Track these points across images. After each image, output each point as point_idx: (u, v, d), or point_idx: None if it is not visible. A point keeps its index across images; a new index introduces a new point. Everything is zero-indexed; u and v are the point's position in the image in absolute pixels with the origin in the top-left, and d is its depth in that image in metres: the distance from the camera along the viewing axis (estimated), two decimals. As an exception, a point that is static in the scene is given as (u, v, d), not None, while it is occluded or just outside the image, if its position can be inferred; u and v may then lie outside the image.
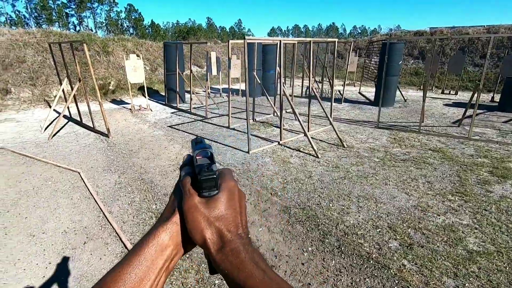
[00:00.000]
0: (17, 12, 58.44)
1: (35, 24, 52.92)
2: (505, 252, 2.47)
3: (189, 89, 11.15)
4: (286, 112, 7.97)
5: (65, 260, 2.48)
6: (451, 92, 10.52)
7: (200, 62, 14.06)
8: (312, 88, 5.73)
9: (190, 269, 2.36)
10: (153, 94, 10.93)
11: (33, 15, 56.72)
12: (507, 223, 2.88)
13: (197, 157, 0.41)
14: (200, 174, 0.39)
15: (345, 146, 5.18)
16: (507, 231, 2.77)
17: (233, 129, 6.43)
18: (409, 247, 2.56)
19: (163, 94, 10.77)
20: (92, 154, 4.95)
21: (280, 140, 5.45)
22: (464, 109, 6.71)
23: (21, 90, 8.64)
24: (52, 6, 56.89)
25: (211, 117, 7.51)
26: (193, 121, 7.14)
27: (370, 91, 11.60)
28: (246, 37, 4.32)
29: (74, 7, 60.52)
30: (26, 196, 3.54)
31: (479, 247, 2.55)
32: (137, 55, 7.97)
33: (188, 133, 6.16)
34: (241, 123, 6.85)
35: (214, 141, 5.59)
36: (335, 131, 5.29)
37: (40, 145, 5.42)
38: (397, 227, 2.85)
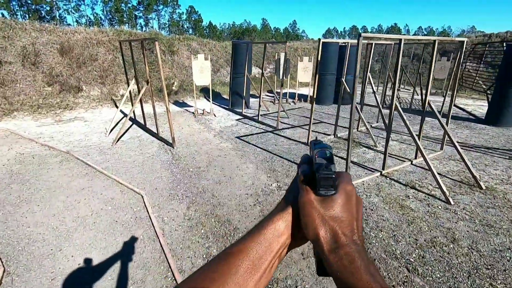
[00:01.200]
0: (95, 14, 65.12)
1: (109, 25, 58.28)
2: None
3: (253, 93, 10.39)
4: (372, 127, 6.61)
5: None
6: None
7: (261, 63, 13.21)
8: (427, 101, 4.35)
9: None
10: (215, 97, 10.35)
11: (108, 17, 62.61)
12: None
13: (316, 156, 0.41)
14: (318, 172, 0.39)
15: (483, 187, 3.72)
16: None
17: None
18: None
19: (226, 97, 10.13)
20: (156, 169, 4.27)
21: (383, 169, 4.19)
22: None
23: (91, 88, 8.65)
24: (124, 8, 62.11)
25: (282, 128, 6.49)
26: (262, 132, 6.20)
27: (468, 104, 9.52)
28: (363, 34, 3.17)
29: (142, 9, 65.34)
30: (82, 226, 2.88)
31: None
32: (205, 56, 7.32)
33: (260, 148, 5.22)
34: (322, 139, 5.69)
35: (293, 162, 4.55)
36: (467, 165, 3.85)
37: (104, 151, 4.95)
38: None
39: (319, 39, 4.82)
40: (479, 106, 9.09)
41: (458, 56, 4.74)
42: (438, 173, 4.17)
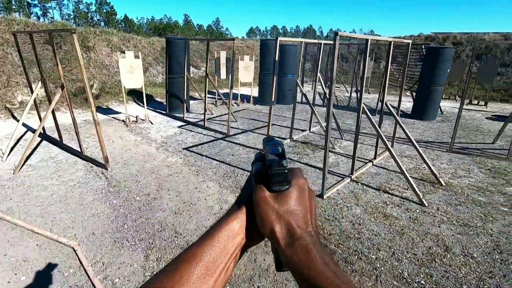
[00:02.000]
0: (-32, -1, 52.08)
1: (-9, 13, 47.43)
2: None
3: (191, 95, 9.48)
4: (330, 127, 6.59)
5: None
6: (480, 103, 9.73)
7: (196, 62, 12.31)
8: (385, 102, 4.39)
9: None
10: (147, 101, 9.07)
11: (-12, 3, 50.81)
12: None
13: (268, 153, 0.40)
14: (271, 168, 0.39)
15: (443, 183, 3.88)
16: None
17: (273, 153, 4.91)
18: None
19: (160, 100, 8.99)
20: (88, 203, 3.23)
21: (352, 173, 4.04)
22: (503, 124, 5.72)
23: (-29, 94, 6.49)
24: (11, -7, 51.42)
25: (234, 134, 5.93)
26: (213, 141, 5.52)
27: (390, 100, 10.56)
28: (339, 33, 2.85)
29: (37, -4, 55.23)
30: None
31: None
32: (135, 54, 6.18)
33: (216, 160, 4.56)
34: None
35: (259, 175, 4.06)
36: (426, 162, 3.98)
37: (2, 184, 3.58)
38: None
39: (277, 37, 4.40)
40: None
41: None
42: (399, 172, 4.25)
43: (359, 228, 2.90)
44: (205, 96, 6.22)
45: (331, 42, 6.83)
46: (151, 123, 6.59)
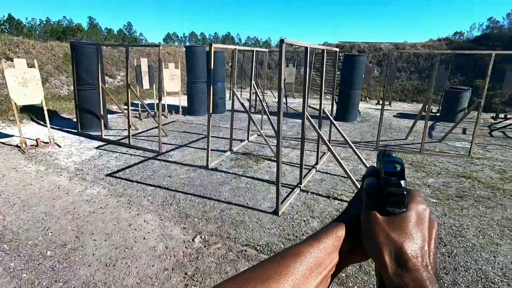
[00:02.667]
0: None
1: None
2: None
3: (108, 108, 8.27)
4: (261, 135, 6.47)
5: None
6: (385, 103, 11.21)
7: (111, 71, 10.88)
8: (322, 107, 4.49)
9: None
10: (50, 118, 7.48)
11: None
12: None
13: (383, 170, 0.37)
14: (386, 187, 0.36)
15: (381, 182, 4.13)
16: None
17: (215, 169, 4.51)
18: None
19: (67, 116, 7.54)
20: (-33, 275, 2.27)
21: (301, 183, 3.96)
22: (420, 122, 6.71)
23: None
24: None
25: (167, 151, 5.28)
26: (143, 161, 4.78)
27: (312, 103, 11.27)
28: (286, 40, 2.68)
29: None
30: None
31: None
32: (27, 62, 4.94)
33: (150, 185, 3.91)
34: (219, 158, 4.96)
35: (204, 197, 3.62)
36: (364, 164, 4.18)
37: None
38: None
39: (211, 44, 4.03)
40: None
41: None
42: (341, 176, 4.39)
43: (321, 244, 2.77)
44: (128, 109, 5.39)
45: (264, 49, 6.79)
46: (58, 146, 5.37)
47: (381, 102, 11.28)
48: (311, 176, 4.33)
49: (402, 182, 0.35)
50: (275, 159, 5.00)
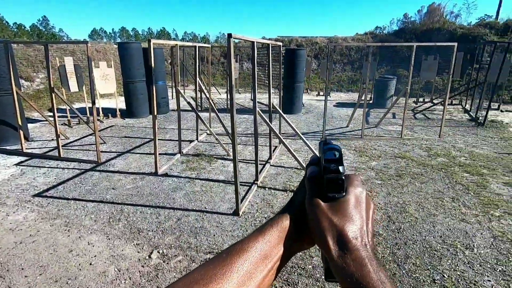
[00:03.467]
0: None
1: None
2: None
3: (28, 117, 7.15)
4: (207, 134, 6.26)
5: None
6: (321, 94, 11.90)
7: (27, 73, 9.37)
8: (271, 102, 4.50)
9: None
10: None
11: None
12: (562, 229, 2.91)
13: (324, 157, 0.39)
14: (326, 174, 0.38)
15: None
16: None
17: (166, 174, 4.20)
18: None
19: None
20: None
21: (257, 179, 3.93)
22: (353, 109, 7.33)
23: None
24: None
25: (107, 161, 4.75)
26: (79, 175, 4.21)
27: (260, 98, 11.40)
28: (233, 35, 2.55)
29: None
30: None
31: None
32: None
33: (93, 201, 3.45)
34: (169, 162, 4.64)
35: (157, 207, 3.34)
36: (315, 154, 4.32)
37: None
38: (535, 280, 2.26)
39: (149, 40, 3.68)
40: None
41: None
42: (295, 168, 4.49)
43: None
44: (54, 116, 4.68)
45: (207, 45, 6.55)
46: (-36, 166, 4.42)
47: (321, 93, 11.96)
48: (266, 171, 4.33)
49: (341, 167, 0.37)
50: (228, 157, 4.89)
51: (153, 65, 3.70)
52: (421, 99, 10.28)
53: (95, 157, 4.83)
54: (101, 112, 7.48)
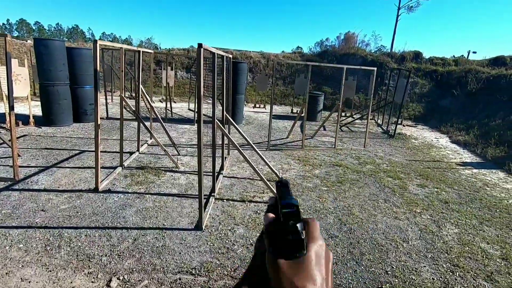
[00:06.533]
0: None
1: None
2: (503, 246, 3.16)
3: None
4: (148, 144, 5.83)
5: None
6: (261, 106, 12.43)
7: None
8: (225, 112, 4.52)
9: None
10: None
11: None
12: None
13: (281, 213, 0.38)
14: (286, 234, 0.37)
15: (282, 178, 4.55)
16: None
17: (109, 190, 3.75)
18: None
19: None
20: None
21: (214, 191, 3.85)
22: (293, 122, 7.94)
23: None
24: None
25: (27, 177, 3.96)
26: (-10, 195, 3.40)
27: (206, 108, 11.18)
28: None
29: None
30: None
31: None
32: None
33: (18, 227, 2.83)
34: (109, 177, 4.15)
35: (106, 228, 2.96)
36: (267, 164, 4.50)
37: None
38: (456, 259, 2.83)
39: (95, 41, 3.29)
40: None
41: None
42: (248, 178, 4.57)
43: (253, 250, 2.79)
44: None
45: (150, 51, 6.19)
46: None
47: (257, 105, 12.44)
48: (221, 183, 4.28)
49: (299, 225, 0.37)
50: (176, 169, 4.66)
51: (98, 68, 3.31)
52: (343, 114, 11.70)
53: (8, 173, 3.98)
54: (8, 119, 6.19)
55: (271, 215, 0.41)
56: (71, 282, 2.23)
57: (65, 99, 6.64)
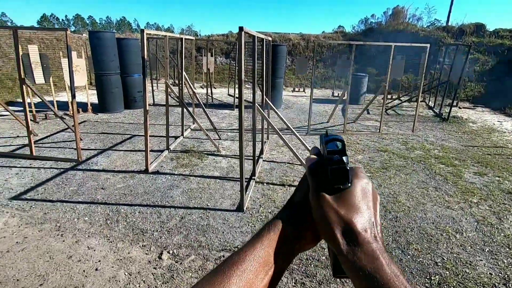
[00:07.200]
0: None
1: None
2: None
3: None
4: (194, 129, 6.09)
5: None
6: (300, 90, 12.15)
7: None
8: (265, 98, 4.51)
9: None
10: None
11: None
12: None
13: (325, 149, 0.37)
14: (330, 164, 0.36)
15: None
16: None
17: (157, 172, 4.03)
18: None
19: None
20: None
21: (254, 175, 3.92)
22: (335, 106, 7.60)
23: None
24: None
25: (89, 158, 4.42)
26: (59, 174, 3.87)
27: (246, 93, 11.31)
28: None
29: None
30: None
31: None
32: None
33: (83, 203, 3.20)
34: (157, 159, 4.44)
35: (156, 206, 3.20)
36: (308, 148, 4.43)
37: None
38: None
39: (142, 30, 3.46)
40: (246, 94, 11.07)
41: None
42: (287, 163, 4.56)
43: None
44: (25, 110, 4.24)
45: (191, 37, 6.34)
46: None
47: (296, 89, 12.18)
48: (261, 167, 4.34)
49: (344, 158, 0.36)
50: (218, 153, 4.82)
51: (146, 56, 3.49)
52: (389, 96, 10.95)
53: (73, 155, 4.47)
54: (70, 106, 6.89)
55: (314, 156, 0.40)
56: (129, 253, 2.48)
57: (116, 88, 7.16)
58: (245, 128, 3.55)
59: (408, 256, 2.55)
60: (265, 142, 5.30)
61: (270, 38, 4.82)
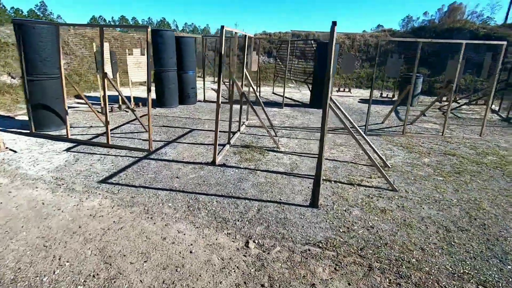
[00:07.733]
0: None
1: None
2: None
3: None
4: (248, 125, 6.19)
5: None
6: (346, 90, 11.84)
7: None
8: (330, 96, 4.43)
9: None
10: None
11: None
12: None
13: None
14: None
15: (389, 166, 4.32)
16: None
17: (224, 165, 4.15)
18: None
19: (5, 114, 6.17)
20: None
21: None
22: (391, 106, 7.30)
23: None
24: None
25: (158, 149, 4.67)
26: (135, 162, 4.14)
27: (280, 92, 11.32)
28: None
29: None
30: None
31: None
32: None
33: (163, 189, 3.39)
34: (221, 152, 4.58)
35: (231, 197, 3.29)
36: (374, 150, 4.30)
37: None
38: None
39: (222, 27, 3.59)
40: (287, 93, 11.04)
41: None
42: (351, 162, 4.46)
43: (375, 232, 2.75)
44: (104, 101, 4.59)
45: (251, 35, 6.38)
46: (13, 151, 4.31)
47: (341, 89, 11.89)
48: (324, 165, 4.29)
49: None
50: (277, 149, 4.84)
51: (223, 52, 3.60)
52: (444, 98, 10.29)
53: (142, 145, 4.75)
54: (132, 100, 7.35)
55: None
56: (216, 239, 2.58)
57: (173, 84, 7.49)
58: (297, 126, 3.51)
59: (509, 266, 2.37)
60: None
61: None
